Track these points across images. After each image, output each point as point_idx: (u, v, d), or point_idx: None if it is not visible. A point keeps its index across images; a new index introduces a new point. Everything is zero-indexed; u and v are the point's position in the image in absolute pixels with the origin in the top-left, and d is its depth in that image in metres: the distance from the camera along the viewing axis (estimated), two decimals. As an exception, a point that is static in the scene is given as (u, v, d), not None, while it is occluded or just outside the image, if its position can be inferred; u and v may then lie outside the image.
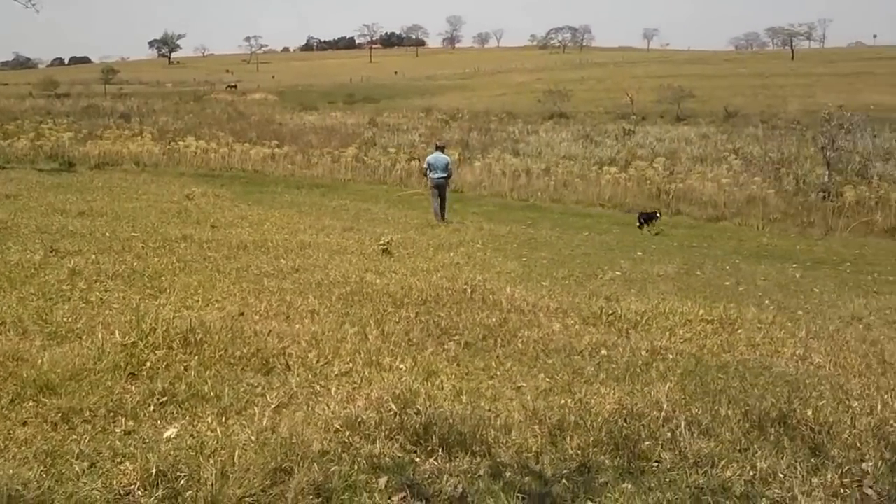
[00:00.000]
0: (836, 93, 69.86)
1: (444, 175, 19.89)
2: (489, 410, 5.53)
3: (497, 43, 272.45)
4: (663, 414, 5.53)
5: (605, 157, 35.60)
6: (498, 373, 6.57)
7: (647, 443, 5.08)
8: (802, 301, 11.64)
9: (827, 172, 27.71)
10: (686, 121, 59.53)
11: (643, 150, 38.81)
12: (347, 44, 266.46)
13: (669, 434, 5.23)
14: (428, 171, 20.03)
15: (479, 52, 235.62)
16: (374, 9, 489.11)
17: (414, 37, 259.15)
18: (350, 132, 46.18)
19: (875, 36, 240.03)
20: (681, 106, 68.42)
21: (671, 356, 7.42)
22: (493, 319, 8.32)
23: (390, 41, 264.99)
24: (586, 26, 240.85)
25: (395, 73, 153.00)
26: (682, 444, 5.09)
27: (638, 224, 21.07)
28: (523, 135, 46.79)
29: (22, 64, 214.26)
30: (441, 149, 21.02)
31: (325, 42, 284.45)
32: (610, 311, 9.16)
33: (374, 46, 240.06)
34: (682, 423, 5.36)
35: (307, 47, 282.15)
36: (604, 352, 7.40)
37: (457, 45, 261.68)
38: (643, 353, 7.45)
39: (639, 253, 15.78)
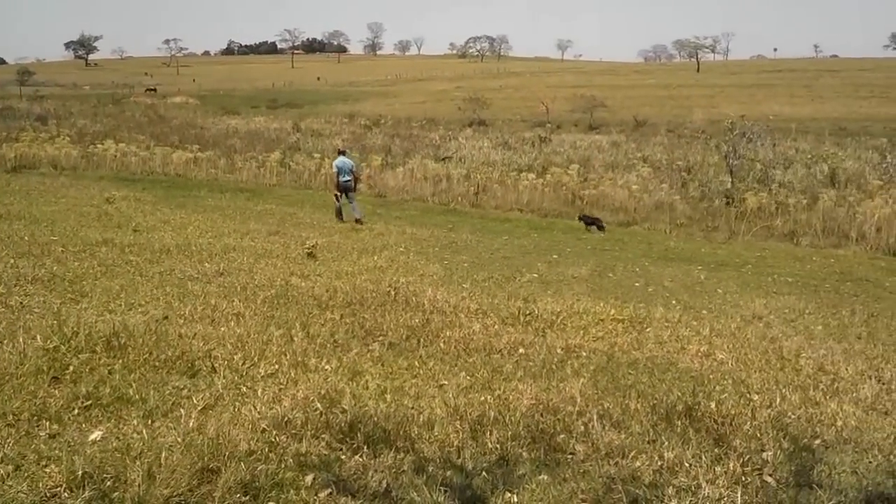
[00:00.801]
0: (739, 103, 72.24)
1: (350, 178, 20.85)
2: (412, 408, 5.63)
3: (418, 51, 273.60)
4: (577, 408, 5.73)
5: (523, 163, 35.84)
6: (421, 372, 6.68)
7: (562, 436, 5.28)
8: (707, 301, 11.99)
9: (730, 180, 28.50)
10: (598, 129, 60.46)
11: (558, 157, 39.22)
12: (269, 49, 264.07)
13: (583, 427, 5.42)
14: (338, 175, 20.74)
15: (400, 60, 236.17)
16: (296, 14, 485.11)
17: (336, 43, 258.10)
18: (274, 137, 45.69)
19: (776, 49, 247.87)
20: (593, 115, 69.63)
21: (584, 354, 7.68)
22: (417, 320, 8.43)
23: (312, 47, 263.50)
24: (504, 36, 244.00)
25: (318, 78, 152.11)
26: (594, 436, 5.28)
27: (583, 223, 22.17)
28: (444, 141, 46.91)
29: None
30: (343, 153, 21.93)
31: (246, 46, 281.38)
32: (527, 312, 9.36)
33: (296, 52, 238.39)
34: (595, 417, 5.56)
35: (228, 51, 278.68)
36: (521, 350, 7.60)
37: (378, 52, 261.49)
38: (559, 351, 7.67)
39: (554, 256, 16.01)
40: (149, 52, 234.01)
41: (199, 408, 5.36)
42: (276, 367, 6.43)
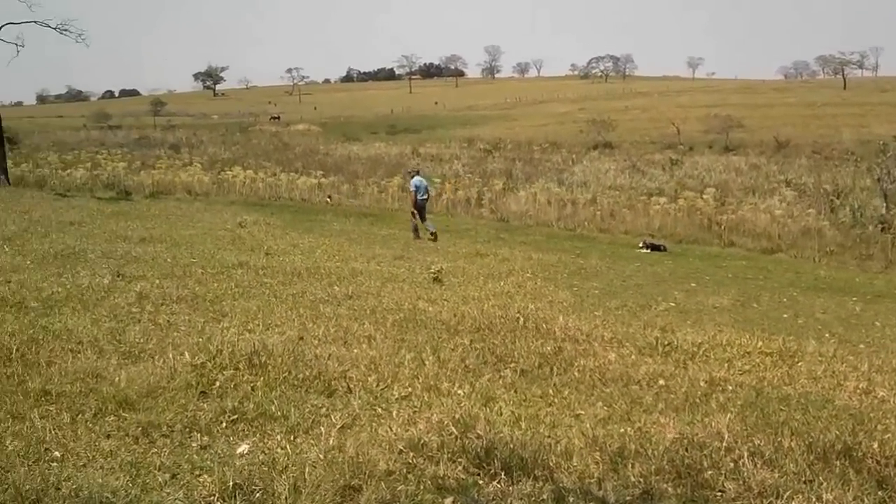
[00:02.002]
0: (891, 122, 68.73)
1: (426, 196, 23.22)
2: (549, 437, 5.64)
3: (537, 73, 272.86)
4: (725, 444, 5.56)
5: (653, 187, 35.41)
6: (556, 400, 6.68)
7: (709, 472, 5.14)
8: (864, 334, 11.57)
9: (884, 204, 27.28)
10: (735, 151, 58.88)
11: (692, 180, 38.51)
12: (387, 75, 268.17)
13: (732, 464, 5.26)
14: (415, 194, 22.65)
15: (519, 82, 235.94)
16: (413, 40, 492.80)
17: (453, 67, 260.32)
18: (394, 162, 46.54)
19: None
20: (729, 136, 67.81)
21: (730, 388, 7.45)
22: (548, 348, 8.44)
23: (429, 72, 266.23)
24: (628, 55, 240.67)
25: (436, 103, 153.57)
26: (745, 474, 5.12)
27: (647, 249, 22.35)
28: (567, 164, 46.73)
29: (75, 96, 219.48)
30: (417, 173, 24.17)
31: (364, 73, 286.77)
32: (666, 342, 9.22)
33: (413, 77, 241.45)
34: (745, 454, 5.38)
35: (347, 78, 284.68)
36: (661, 382, 7.47)
37: (496, 76, 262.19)
38: (702, 384, 7.49)
39: (692, 284, 15.76)
40: (272, 81, 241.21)
41: (338, 426, 5.55)
42: (410, 389, 6.58)
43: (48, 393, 5.92)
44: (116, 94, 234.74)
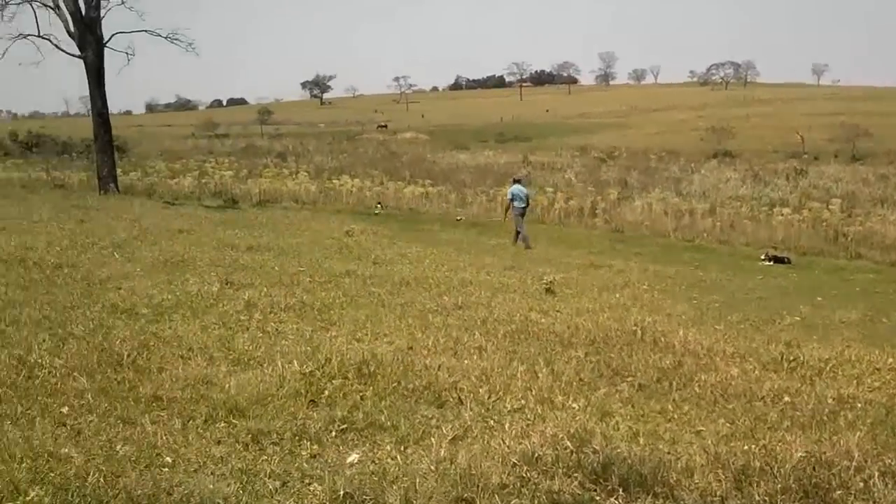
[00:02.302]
0: None
1: (525, 205, 23.22)
2: (668, 453, 5.53)
3: (654, 79, 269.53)
4: (854, 463, 5.36)
5: (776, 197, 34.54)
6: (675, 416, 6.56)
7: (838, 492, 4.97)
8: None
9: None
10: (862, 161, 57.00)
11: (817, 190, 37.43)
12: (497, 82, 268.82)
13: (862, 484, 5.07)
14: (512, 202, 23.00)
15: (634, 89, 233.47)
16: (524, 47, 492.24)
17: (565, 74, 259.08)
18: (503, 171, 46.49)
19: None
20: (856, 145, 65.73)
21: (859, 405, 7.19)
22: (667, 362, 8.28)
23: (541, 79, 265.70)
24: (749, 62, 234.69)
25: (547, 111, 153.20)
26: (875, 494, 4.94)
27: (769, 262, 21.82)
28: (685, 174, 45.98)
29: (183, 105, 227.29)
30: (519, 181, 24.52)
31: (473, 81, 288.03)
32: (791, 357, 8.94)
33: (524, 85, 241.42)
34: (876, 474, 5.18)
35: (456, 86, 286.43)
36: (787, 399, 7.24)
37: (611, 83, 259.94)
38: (829, 400, 7.24)
39: (818, 298, 15.26)
40: (379, 89, 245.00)
41: (449, 438, 5.55)
42: (522, 402, 6.53)
43: (159, 398, 6.12)
44: (224, 104, 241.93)
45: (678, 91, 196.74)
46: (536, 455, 5.25)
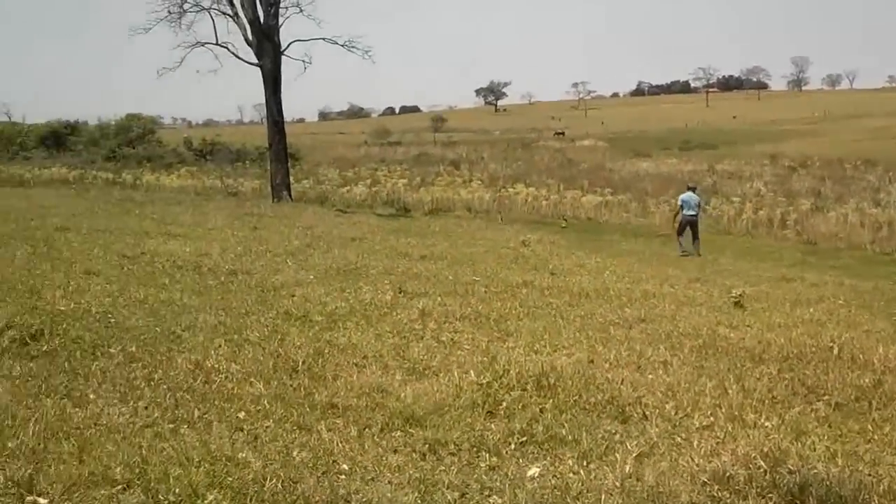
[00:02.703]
0: None
1: (695, 212, 23.44)
2: (869, 475, 5.36)
3: (850, 84, 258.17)
4: None
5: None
6: (875, 436, 6.29)
7: None
8: None
9: None
10: None
11: None
12: (681, 88, 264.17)
13: None
14: (682, 209, 23.32)
15: (828, 94, 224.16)
16: (711, 51, 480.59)
17: (755, 79, 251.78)
18: (687, 180, 45.60)
19: None
20: None
21: None
22: (866, 380, 7.91)
23: (728, 84, 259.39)
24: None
25: (734, 117, 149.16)
26: None
27: None
28: (883, 183, 43.71)
29: (356, 113, 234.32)
30: (692, 189, 24.52)
31: (656, 86, 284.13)
32: None
33: (710, 90, 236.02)
34: None
35: (638, 92, 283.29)
36: None
37: (803, 88, 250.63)
38: None
39: None
40: (556, 96, 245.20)
41: (634, 454, 5.49)
42: (711, 419, 6.39)
43: (335, 406, 6.30)
44: (397, 111, 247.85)
45: (876, 97, 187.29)
46: (728, 474, 5.16)
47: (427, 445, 5.48)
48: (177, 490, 4.63)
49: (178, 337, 8.47)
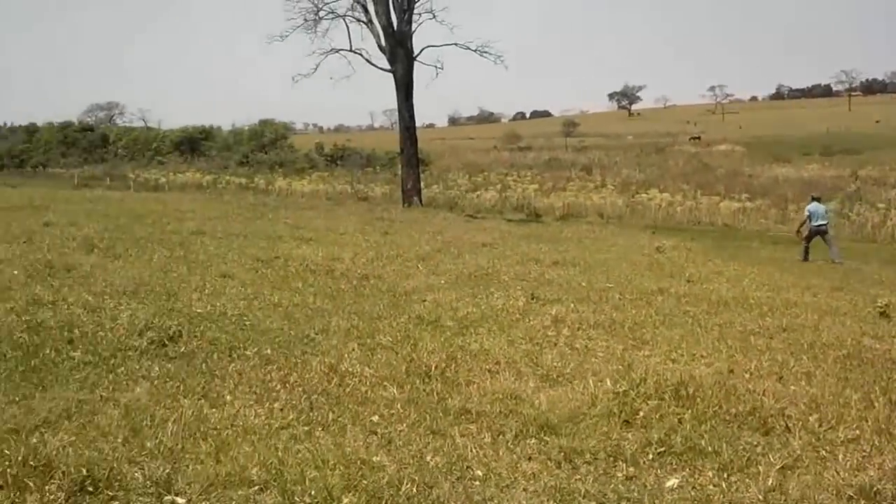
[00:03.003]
0: None
1: (825, 222, 23.29)
2: None
3: None
4: None
5: None
6: None
7: None
8: None
9: None
10: None
11: None
12: (823, 91, 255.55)
13: None
14: (810, 220, 23.19)
15: None
16: (854, 54, 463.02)
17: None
18: (829, 185, 44.01)
19: None
20: None
21: None
22: None
23: (871, 88, 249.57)
24: None
25: (877, 121, 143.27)
26: None
27: None
28: None
29: (485, 118, 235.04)
30: (817, 199, 24.27)
31: (796, 90, 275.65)
32: None
33: (853, 94, 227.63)
34: None
35: (777, 95, 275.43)
36: None
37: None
38: None
39: None
40: (692, 99, 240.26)
41: (777, 467, 5.37)
42: (857, 432, 6.20)
43: (468, 411, 6.33)
44: (527, 116, 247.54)
45: None
46: (875, 489, 5.04)
47: (562, 453, 5.47)
48: (313, 492, 4.73)
49: (312, 340, 8.67)
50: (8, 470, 4.55)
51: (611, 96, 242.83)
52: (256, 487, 4.81)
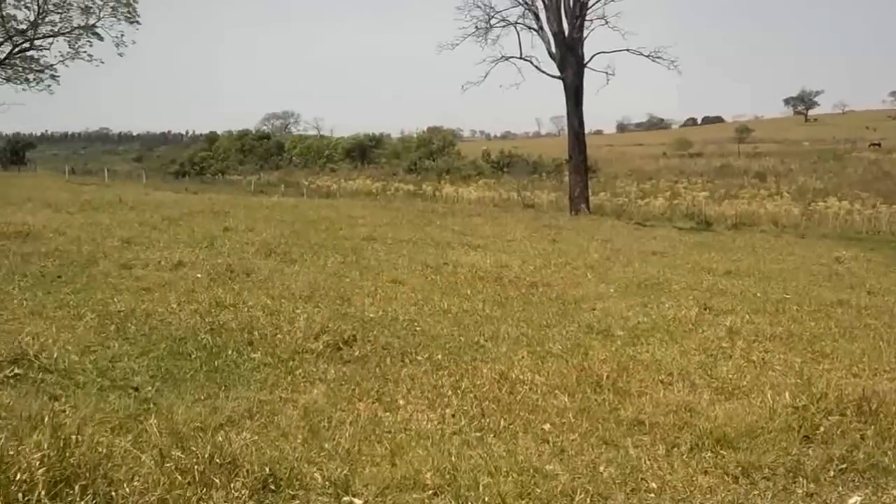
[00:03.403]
0: None
1: None
2: None
3: None
4: None
5: None
6: None
7: None
8: None
9: None
10: None
11: None
12: None
13: None
14: None
15: None
16: None
17: None
18: None
19: None
20: None
21: None
22: None
23: None
24: None
25: None
26: None
27: None
28: None
29: (655, 125, 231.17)
30: None
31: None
32: None
33: None
34: None
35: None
36: None
37: None
38: None
39: None
40: (872, 105, 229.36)
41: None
42: None
43: (641, 423, 6.29)
44: (698, 122, 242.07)
45: None
46: None
47: (739, 468, 5.38)
48: (486, 499, 4.81)
49: (482, 347, 8.76)
50: (195, 466, 4.76)
51: (787, 101, 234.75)
52: (430, 492, 4.92)
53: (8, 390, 6.24)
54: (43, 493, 4.16)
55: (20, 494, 4.12)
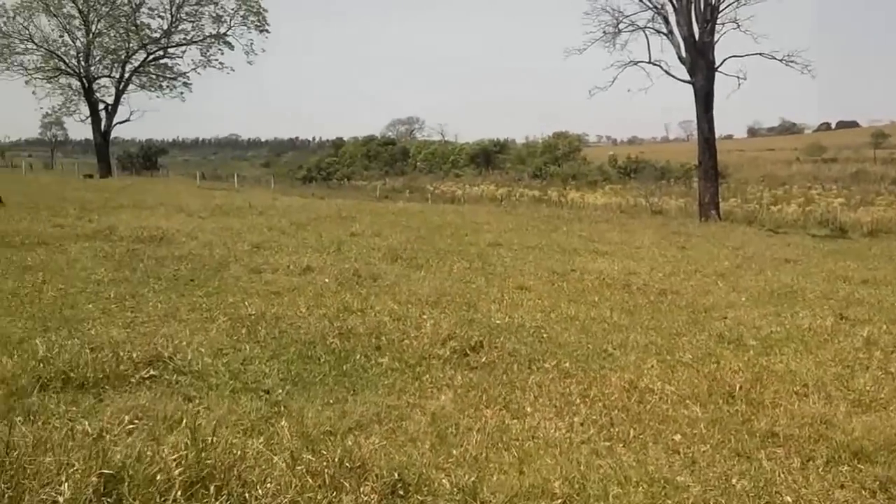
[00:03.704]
0: None
1: None
2: None
3: None
4: None
5: None
6: None
7: None
8: None
9: None
10: None
11: None
12: None
13: None
14: None
15: None
16: None
17: None
18: None
19: None
20: None
21: None
22: None
23: None
24: None
25: None
26: None
27: None
28: None
29: (787, 129, 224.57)
30: None
31: None
32: None
33: None
34: None
35: None
36: None
37: None
38: None
39: None
40: None
41: None
42: None
43: (775, 435, 6.17)
44: (833, 126, 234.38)
45: None
46: None
47: (877, 482, 5.25)
48: (615, 509, 4.78)
49: (610, 355, 8.69)
50: (325, 470, 4.86)
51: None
52: (559, 501, 4.89)
53: (144, 391, 6.47)
54: (179, 493, 4.31)
55: (158, 495, 4.28)
